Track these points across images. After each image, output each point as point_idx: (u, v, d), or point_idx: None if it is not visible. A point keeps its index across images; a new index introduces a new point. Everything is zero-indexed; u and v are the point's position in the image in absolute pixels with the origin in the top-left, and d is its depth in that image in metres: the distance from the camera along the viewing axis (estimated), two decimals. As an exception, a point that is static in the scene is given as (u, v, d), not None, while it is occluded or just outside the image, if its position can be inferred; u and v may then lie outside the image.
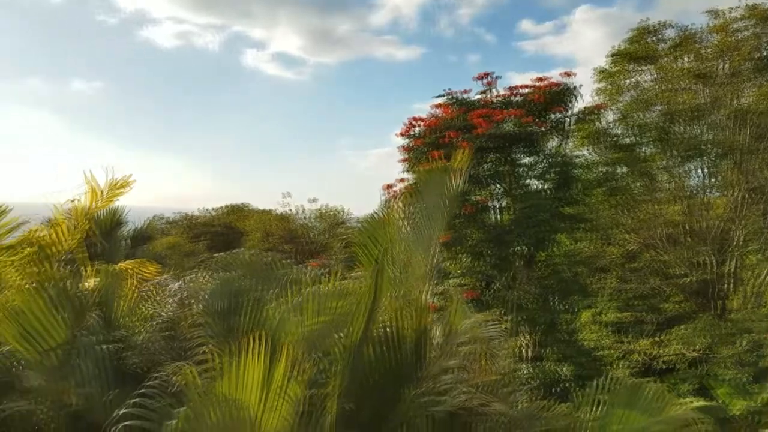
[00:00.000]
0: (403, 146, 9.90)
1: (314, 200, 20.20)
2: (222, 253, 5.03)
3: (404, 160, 9.86)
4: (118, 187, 5.96)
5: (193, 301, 3.95)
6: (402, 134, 10.01)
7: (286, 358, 2.78)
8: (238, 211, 31.80)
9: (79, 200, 5.69)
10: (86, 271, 5.35)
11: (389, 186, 9.68)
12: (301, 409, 2.88)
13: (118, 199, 6.17)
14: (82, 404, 3.46)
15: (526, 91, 9.97)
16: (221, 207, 32.83)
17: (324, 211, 20.00)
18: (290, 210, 20.51)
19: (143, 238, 23.10)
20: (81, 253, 5.47)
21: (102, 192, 5.80)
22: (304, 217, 20.47)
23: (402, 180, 9.67)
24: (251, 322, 3.56)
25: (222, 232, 28.47)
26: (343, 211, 20.29)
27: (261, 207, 29.15)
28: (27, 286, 3.37)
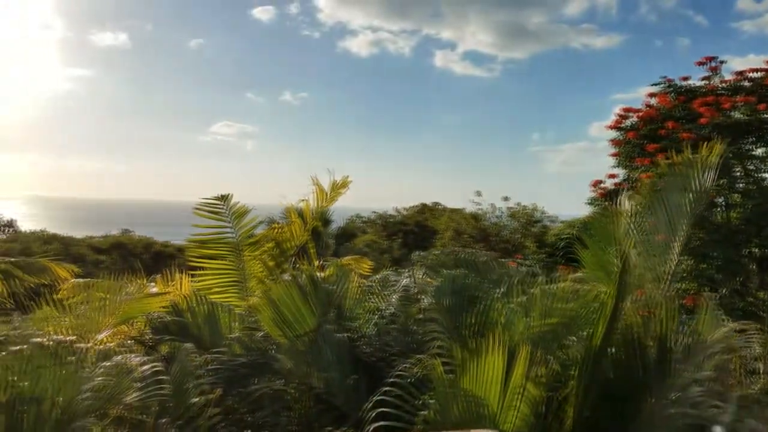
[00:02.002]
0: (614, 140, 9.30)
1: (507, 198, 19.93)
2: (440, 251, 5.16)
3: (614, 155, 9.25)
4: (339, 187, 6.42)
5: (421, 296, 4.08)
6: (612, 127, 9.42)
7: (525, 359, 2.77)
8: (429, 210, 32.65)
9: (307, 200, 6.24)
10: (314, 265, 5.83)
11: (598, 182, 9.17)
12: (539, 410, 2.85)
13: (337, 199, 6.66)
14: (323, 387, 3.75)
15: (757, 75, 8.82)
16: (413, 206, 33.98)
17: (517, 209, 19.63)
18: (481, 208, 20.46)
19: (346, 235, 24.66)
20: (311, 248, 5.98)
21: (326, 192, 6.29)
22: (497, 216, 20.28)
23: (612, 175, 9.11)
24: (478, 320, 3.59)
25: (414, 231, 29.45)
26: (537, 210, 19.74)
27: (452, 206, 29.62)
28: (286, 278, 3.72)
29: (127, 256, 23.26)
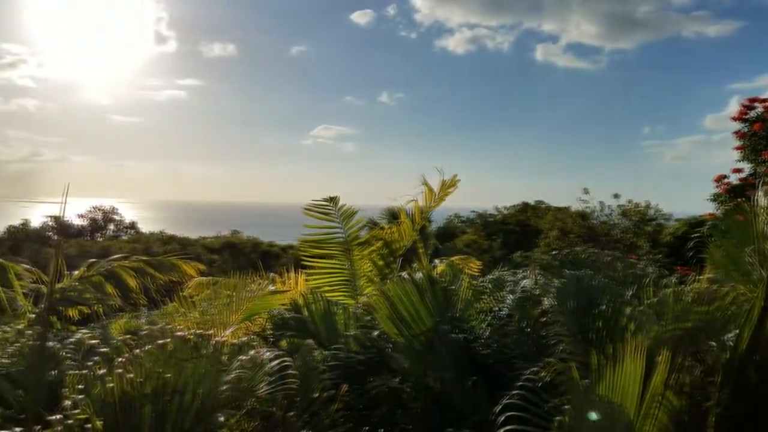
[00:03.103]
0: (738, 132, 8.62)
1: (617, 196, 18.97)
2: (556, 251, 5.00)
3: (739, 148, 8.58)
4: (448, 186, 6.38)
5: (542, 298, 3.95)
6: (736, 118, 8.73)
7: (665, 366, 2.61)
8: (531, 209, 31.83)
9: (416, 200, 6.25)
10: (425, 264, 5.81)
11: (721, 177, 8.54)
12: (680, 420, 2.68)
13: (446, 198, 6.62)
14: (439, 388, 3.72)
15: None
16: (514, 205, 33.26)
17: (629, 207, 18.64)
18: (589, 207, 19.62)
19: (446, 235, 24.58)
20: (420, 248, 5.98)
21: (435, 192, 6.27)
22: (606, 215, 19.38)
23: (737, 170, 8.46)
24: (607, 324, 3.42)
25: (515, 230, 28.82)
26: (651, 207, 18.66)
27: (556, 204, 28.69)
28: (404, 276, 3.73)
29: (237, 255, 24.45)
